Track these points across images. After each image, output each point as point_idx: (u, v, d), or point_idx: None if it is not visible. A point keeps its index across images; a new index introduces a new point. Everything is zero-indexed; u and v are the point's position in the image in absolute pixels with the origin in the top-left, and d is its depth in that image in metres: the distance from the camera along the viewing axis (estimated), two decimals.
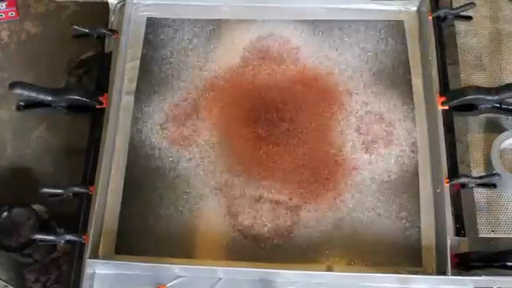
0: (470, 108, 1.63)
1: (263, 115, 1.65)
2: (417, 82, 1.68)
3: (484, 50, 1.75)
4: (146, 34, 1.78)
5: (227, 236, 1.52)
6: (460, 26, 1.77)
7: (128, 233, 1.53)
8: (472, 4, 1.69)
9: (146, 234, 1.53)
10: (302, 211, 1.54)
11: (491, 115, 1.65)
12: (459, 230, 1.47)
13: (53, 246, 1.79)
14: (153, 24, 1.80)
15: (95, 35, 1.74)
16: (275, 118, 1.65)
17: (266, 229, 1.52)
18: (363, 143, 1.61)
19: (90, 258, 1.44)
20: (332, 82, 1.70)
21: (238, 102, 1.68)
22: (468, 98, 1.59)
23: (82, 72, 2.05)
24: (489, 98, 1.58)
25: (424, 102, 1.65)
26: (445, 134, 1.56)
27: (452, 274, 1.40)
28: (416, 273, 1.45)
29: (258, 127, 1.64)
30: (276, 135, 1.62)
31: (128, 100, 1.69)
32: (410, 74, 1.69)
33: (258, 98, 1.68)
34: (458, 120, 1.62)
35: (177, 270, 1.45)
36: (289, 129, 1.63)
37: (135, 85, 1.71)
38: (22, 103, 1.67)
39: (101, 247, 1.51)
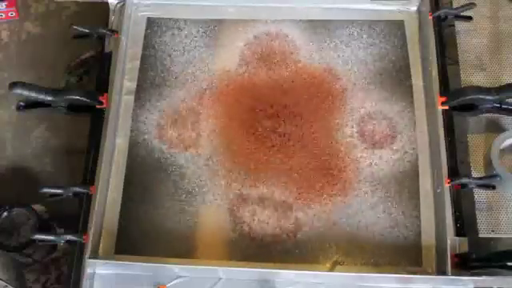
0: (470, 108, 1.62)
1: (264, 115, 1.65)
2: (417, 82, 1.68)
3: (484, 49, 1.75)
4: (146, 34, 1.78)
5: (227, 236, 1.52)
6: (460, 25, 1.77)
7: (128, 233, 1.53)
8: (472, 4, 1.69)
9: (146, 234, 1.53)
10: (303, 211, 1.54)
11: (491, 115, 1.64)
12: (459, 230, 1.47)
13: (53, 246, 1.79)
14: (153, 24, 1.80)
15: (95, 35, 1.74)
16: (276, 119, 1.64)
17: (266, 229, 1.52)
18: (363, 143, 1.61)
19: (89, 258, 1.44)
20: (332, 82, 1.70)
21: (238, 101, 1.68)
22: (468, 98, 1.59)
23: (82, 72, 2.06)
24: (489, 97, 1.58)
25: (424, 102, 1.65)
26: (445, 134, 1.56)
27: (452, 274, 1.40)
28: (416, 273, 1.45)
29: (258, 127, 1.64)
30: (277, 135, 1.62)
31: (128, 100, 1.69)
32: (410, 74, 1.69)
33: (259, 98, 1.68)
34: (458, 120, 1.62)
35: (177, 269, 1.45)
36: (289, 129, 1.63)
37: (135, 85, 1.71)
38: (22, 103, 1.67)
39: (101, 247, 1.51)
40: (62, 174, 1.92)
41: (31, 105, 1.67)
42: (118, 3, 1.80)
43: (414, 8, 1.78)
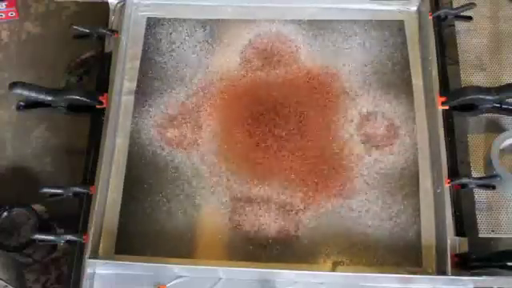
0: (470, 108, 1.62)
1: (263, 115, 1.65)
2: (417, 82, 1.68)
3: (484, 49, 1.75)
4: (146, 34, 1.78)
5: (228, 236, 1.52)
6: (460, 25, 1.77)
7: (128, 233, 1.53)
8: (472, 4, 1.69)
9: (146, 234, 1.52)
10: (303, 212, 1.54)
11: (491, 115, 1.65)
12: (459, 230, 1.47)
13: (53, 246, 1.79)
14: (153, 24, 1.80)
15: (95, 35, 1.74)
16: (276, 119, 1.64)
17: (266, 229, 1.52)
18: (363, 143, 1.61)
19: (89, 258, 1.44)
20: (332, 82, 1.70)
21: (238, 101, 1.68)
22: (468, 97, 1.59)
23: (82, 72, 2.06)
24: (489, 97, 1.58)
25: (424, 102, 1.65)
26: (445, 134, 1.56)
27: (452, 274, 1.40)
28: (416, 273, 1.45)
29: (258, 127, 1.64)
30: (277, 136, 1.62)
31: (128, 100, 1.69)
32: (410, 74, 1.69)
33: (259, 98, 1.68)
34: (458, 120, 1.62)
35: (177, 269, 1.45)
36: (289, 129, 1.63)
37: (135, 85, 1.71)
38: (22, 103, 1.67)
39: (101, 247, 1.51)
40: (62, 174, 1.92)
41: (31, 105, 1.67)
42: (118, 3, 1.80)
43: (414, 8, 1.78)
